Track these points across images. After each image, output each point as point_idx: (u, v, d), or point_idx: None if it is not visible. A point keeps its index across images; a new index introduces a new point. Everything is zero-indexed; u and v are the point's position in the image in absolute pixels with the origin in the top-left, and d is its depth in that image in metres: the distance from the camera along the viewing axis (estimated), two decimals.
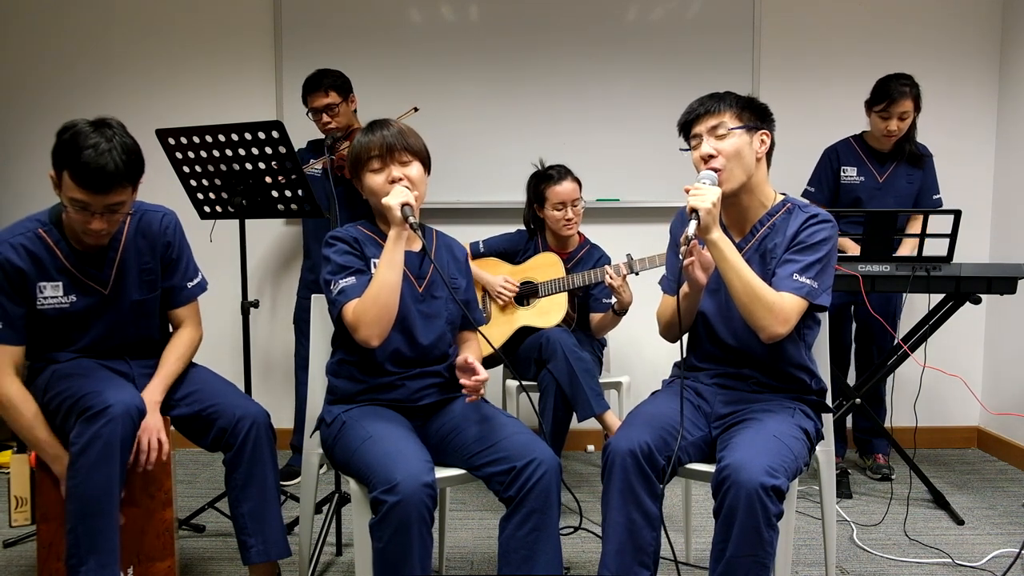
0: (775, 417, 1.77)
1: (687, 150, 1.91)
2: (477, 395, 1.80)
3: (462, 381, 1.80)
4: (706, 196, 1.72)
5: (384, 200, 1.79)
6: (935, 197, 3.18)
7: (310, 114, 3.05)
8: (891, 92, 2.94)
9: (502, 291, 2.92)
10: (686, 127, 1.90)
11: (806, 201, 1.90)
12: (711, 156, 1.82)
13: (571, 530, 2.57)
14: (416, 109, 2.93)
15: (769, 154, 1.89)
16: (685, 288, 1.88)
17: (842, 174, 3.16)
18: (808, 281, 1.79)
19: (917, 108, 2.99)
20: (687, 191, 1.76)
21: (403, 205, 1.77)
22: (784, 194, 1.93)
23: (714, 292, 1.92)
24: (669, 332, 2.01)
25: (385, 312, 1.79)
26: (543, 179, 2.95)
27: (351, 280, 1.84)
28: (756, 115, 1.86)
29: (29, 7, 3.54)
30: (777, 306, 1.75)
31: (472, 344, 2.05)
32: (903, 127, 3.01)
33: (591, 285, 2.91)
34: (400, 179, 1.84)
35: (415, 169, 1.88)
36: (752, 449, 1.62)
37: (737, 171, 1.82)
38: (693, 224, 1.70)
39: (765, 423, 1.74)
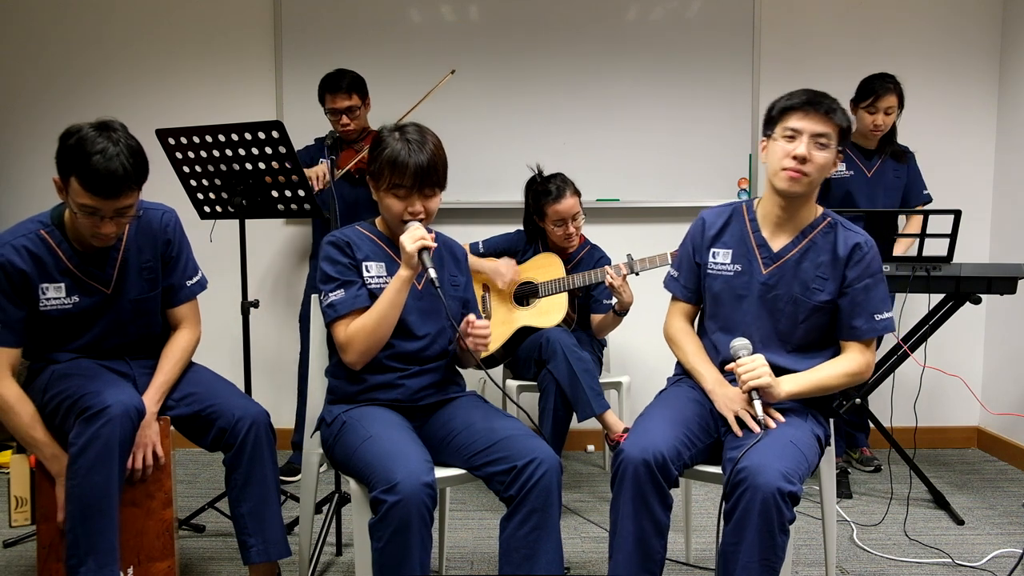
0: (791, 421, 1.78)
1: (769, 133, 1.82)
2: (484, 343, 1.80)
3: (466, 340, 1.81)
4: (760, 370, 1.74)
5: (402, 239, 1.77)
6: (924, 192, 3.25)
7: (329, 114, 3.05)
8: (876, 88, 3.06)
9: (503, 276, 2.90)
10: (785, 113, 1.78)
11: (846, 219, 1.90)
12: (804, 160, 1.75)
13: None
14: (453, 72, 2.98)
15: None
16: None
17: (833, 170, 3.20)
18: (887, 315, 1.84)
19: (901, 105, 3.09)
20: (736, 370, 1.76)
21: (421, 251, 1.76)
22: (825, 210, 1.91)
23: (735, 299, 1.91)
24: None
25: (376, 345, 1.82)
26: (542, 194, 2.88)
27: (340, 293, 1.85)
28: (847, 135, 1.82)
29: (29, 7, 3.53)
30: (861, 367, 1.83)
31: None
32: (888, 122, 3.10)
33: (592, 286, 2.90)
34: (419, 212, 1.83)
35: (435, 202, 1.88)
36: (769, 453, 1.62)
37: (814, 183, 1.80)
38: (759, 404, 1.73)
39: (781, 427, 1.74)
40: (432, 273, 1.75)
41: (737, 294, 1.90)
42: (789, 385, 1.78)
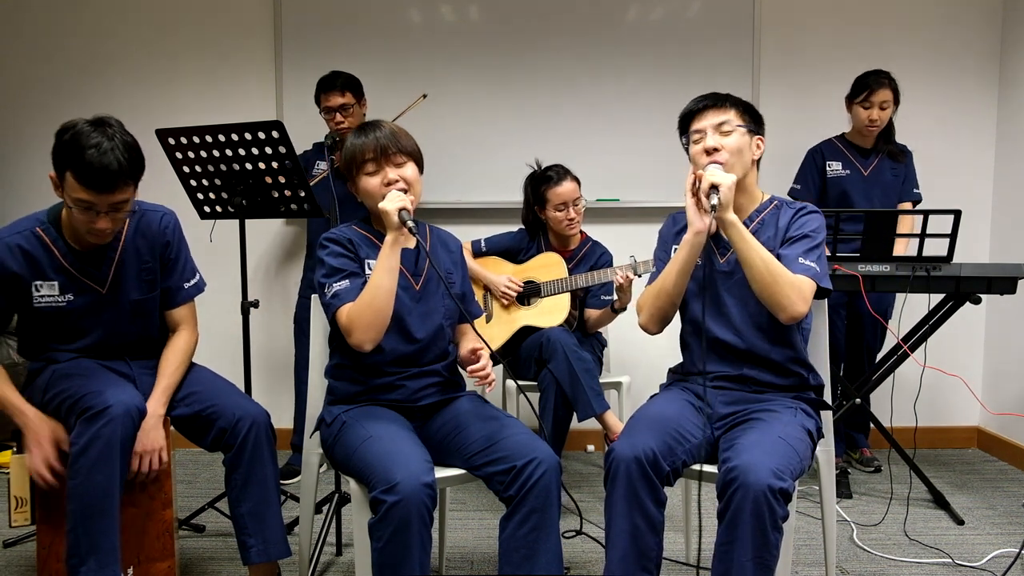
0: (779, 418, 1.77)
1: (686, 144, 1.93)
2: (486, 381, 1.81)
3: (470, 369, 1.82)
4: (728, 178, 1.77)
5: (381, 205, 1.78)
6: (915, 191, 3.24)
7: (323, 113, 3.07)
8: (870, 83, 3.06)
9: (506, 291, 2.92)
10: (687, 120, 1.92)
11: (792, 199, 1.96)
12: (715, 150, 1.84)
13: (572, 534, 2.57)
14: (424, 96, 2.94)
15: (758, 162, 1.94)
16: (674, 277, 1.90)
17: (828, 169, 3.24)
18: (813, 263, 1.83)
19: (896, 101, 3.08)
20: (697, 176, 1.80)
21: (400, 210, 1.76)
22: (773, 195, 1.97)
23: (700, 291, 1.93)
24: (653, 313, 1.97)
25: (379, 317, 1.79)
26: (542, 181, 2.93)
27: (345, 284, 1.84)
28: (755, 120, 1.91)
29: (29, 7, 3.54)
30: (797, 283, 1.78)
31: (471, 336, 2.05)
32: (884, 117, 3.09)
33: (593, 285, 2.91)
34: (396, 180, 1.84)
35: (410, 169, 1.87)
36: (759, 451, 1.62)
37: (737, 167, 1.85)
38: (715, 197, 1.75)
39: (770, 424, 1.74)
40: (410, 224, 1.75)
41: (702, 287, 1.93)
42: (738, 221, 1.79)
